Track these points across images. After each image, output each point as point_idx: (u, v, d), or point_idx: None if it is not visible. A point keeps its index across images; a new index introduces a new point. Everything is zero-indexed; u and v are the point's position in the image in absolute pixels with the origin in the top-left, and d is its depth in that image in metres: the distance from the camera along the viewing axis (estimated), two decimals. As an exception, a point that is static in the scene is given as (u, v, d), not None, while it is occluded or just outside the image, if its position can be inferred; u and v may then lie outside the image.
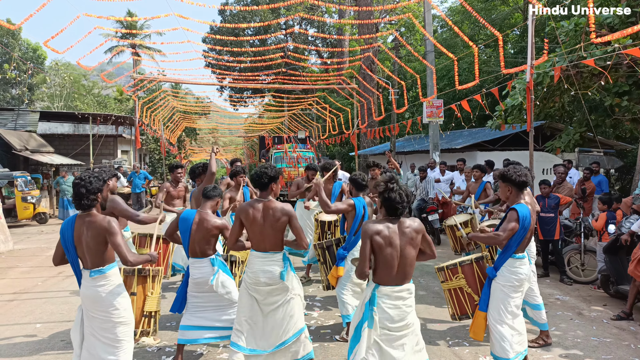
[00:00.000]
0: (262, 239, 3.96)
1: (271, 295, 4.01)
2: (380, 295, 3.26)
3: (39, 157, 17.97)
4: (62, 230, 3.55)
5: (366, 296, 3.35)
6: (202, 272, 4.39)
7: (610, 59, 7.86)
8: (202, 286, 4.42)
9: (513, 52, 23.21)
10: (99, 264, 3.50)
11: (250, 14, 32.12)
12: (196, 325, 4.44)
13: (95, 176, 3.55)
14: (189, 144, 39.48)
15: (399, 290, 3.27)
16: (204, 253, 4.43)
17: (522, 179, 4.08)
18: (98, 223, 3.45)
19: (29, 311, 6.24)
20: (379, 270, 3.27)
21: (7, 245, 10.64)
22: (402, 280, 3.28)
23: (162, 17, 11.48)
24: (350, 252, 5.08)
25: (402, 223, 3.28)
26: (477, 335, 4.20)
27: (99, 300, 3.49)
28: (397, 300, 3.26)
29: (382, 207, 3.32)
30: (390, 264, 3.22)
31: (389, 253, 3.21)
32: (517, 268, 4.03)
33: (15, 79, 37.46)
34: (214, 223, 4.40)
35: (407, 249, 3.24)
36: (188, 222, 4.44)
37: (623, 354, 4.74)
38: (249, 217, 3.91)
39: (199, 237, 4.40)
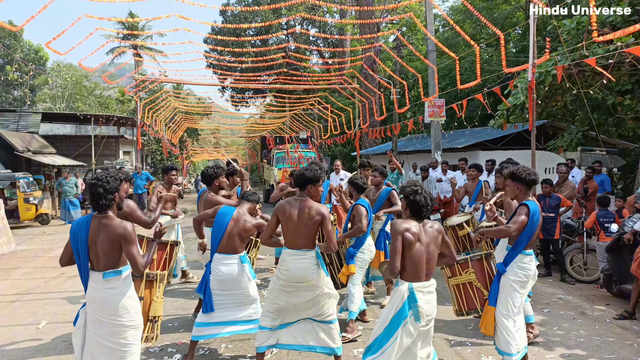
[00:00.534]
0: (296, 237, 4.05)
1: (305, 290, 4.09)
2: (417, 292, 3.43)
3: (41, 158, 18.00)
4: (74, 230, 3.44)
5: (402, 295, 3.44)
6: (231, 268, 4.44)
7: (613, 58, 7.83)
8: (226, 284, 4.45)
9: (515, 51, 23.17)
10: (114, 266, 3.42)
11: (251, 14, 32.15)
12: (213, 322, 4.46)
13: (112, 176, 3.50)
14: (190, 145, 39.55)
15: (428, 285, 3.49)
16: (235, 250, 4.49)
17: (531, 177, 4.21)
18: (114, 228, 3.37)
19: (31, 312, 6.24)
20: (408, 267, 3.45)
21: (9, 247, 10.66)
22: (429, 276, 3.51)
23: (163, 18, 11.49)
24: (360, 249, 5.26)
25: (425, 224, 3.53)
26: (488, 330, 4.27)
27: (111, 303, 3.39)
28: (428, 294, 3.48)
29: (407, 208, 3.55)
30: (420, 260, 3.43)
31: (418, 249, 3.42)
32: (526, 264, 4.14)
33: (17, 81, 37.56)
34: (252, 222, 4.56)
35: (431, 247, 3.48)
36: (226, 218, 4.49)
37: (626, 354, 4.73)
38: (285, 215, 4.04)
39: (235, 234, 4.47)
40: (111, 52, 39.83)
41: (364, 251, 5.29)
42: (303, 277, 4.03)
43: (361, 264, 5.28)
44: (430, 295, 3.48)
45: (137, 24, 39.95)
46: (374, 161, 22.67)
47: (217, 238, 4.49)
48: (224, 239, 4.47)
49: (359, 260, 5.27)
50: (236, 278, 4.44)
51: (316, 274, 4.06)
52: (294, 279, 4.04)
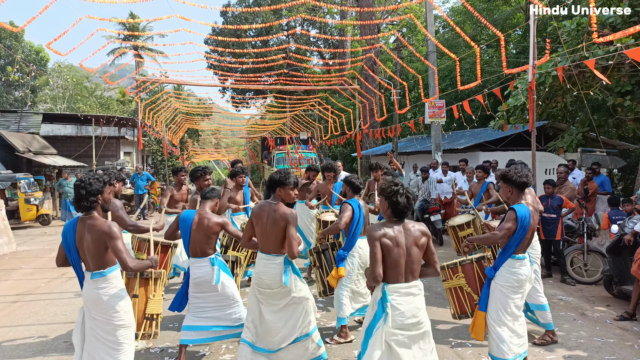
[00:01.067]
0: (264, 240, 4.04)
1: (273, 298, 4.04)
2: (391, 292, 3.31)
3: (42, 158, 18.01)
4: (64, 233, 3.55)
5: (377, 296, 3.40)
6: (203, 271, 4.42)
7: (613, 59, 7.84)
8: (202, 286, 4.44)
9: (515, 52, 23.17)
10: (100, 267, 3.50)
11: (252, 15, 32.18)
12: (198, 325, 4.46)
13: (96, 178, 3.56)
14: (191, 146, 39.56)
15: (407, 286, 3.33)
16: (204, 252, 4.47)
17: (522, 179, 4.09)
18: (98, 227, 3.45)
19: (32, 312, 6.26)
20: (387, 269, 3.33)
21: (10, 247, 10.67)
22: (410, 277, 3.35)
23: (164, 18, 11.49)
24: (350, 252, 5.12)
25: (407, 224, 3.38)
26: (477, 335, 4.19)
27: (100, 303, 3.48)
28: (407, 296, 3.32)
29: (389, 208, 3.38)
30: (398, 262, 3.30)
31: (396, 253, 3.28)
32: (516, 269, 4.01)
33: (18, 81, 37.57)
34: (214, 220, 4.47)
35: (412, 248, 3.32)
36: (188, 222, 4.48)
37: (627, 355, 4.73)
38: (256, 218, 4.05)
39: (199, 237, 4.45)
40: (112, 53, 39.89)
41: (353, 254, 5.12)
42: (270, 283, 3.98)
43: (351, 267, 5.11)
44: (409, 297, 3.32)
45: (138, 25, 40.01)
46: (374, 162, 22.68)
47: (185, 243, 4.50)
48: (191, 243, 4.47)
49: (348, 263, 5.12)
50: (209, 281, 4.41)
51: (287, 280, 3.98)
52: (262, 283, 4.01)
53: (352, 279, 5.10)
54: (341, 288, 5.10)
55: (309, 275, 7.62)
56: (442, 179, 11.57)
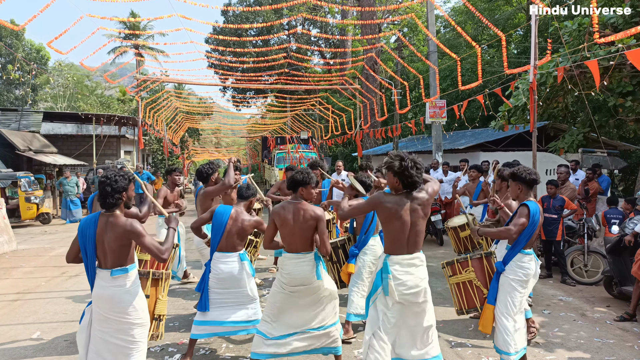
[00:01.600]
0: (293, 240, 4.06)
1: (304, 294, 4.10)
2: (392, 264, 3.44)
3: (43, 157, 18.03)
4: (82, 228, 3.47)
5: (378, 266, 3.52)
6: (230, 267, 4.47)
7: (614, 60, 7.83)
8: (226, 282, 4.48)
9: (516, 52, 23.16)
10: (121, 264, 3.44)
11: (253, 14, 32.19)
12: (212, 321, 4.48)
13: (121, 175, 3.51)
14: (191, 145, 39.57)
15: (410, 258, 3.47)
16: (234, 248, 4.53)
17: (532, 177, 4.23)
18: (121, 225, 3.39)
19: (32, 311, 6.26)
20: (388, 241, 3.49)
21: (10, 246, 10.68)
22: (412, 249, 3.48)
23: (165, 17, 11.49)
24: (362, 250, 5.18)
25: (413, 196, 3.47)
26: (485, 328, 4.29)
27: (118, 301, 3.41)
28: (409, 267, 3.45)
29: (399, 183, 3.44)
30: (399, 235, 3.43)
31: (398, 226, 3.41)
32: (525, 263, 4.15)
33: (18, 80, 37.61)
34: (250, 220, 4.57)
35: (417, 221, 3.45)
36: (224, 217, 4.51)
37: (626, 355, 4.73)
38: (281, 219, 4.04)
39: (234, 232, 4.50)
40: (113, 52, 39.90)
41: (365, 252, 5.17)
42: (304, 280, 4.03)
43: (362, 264, 5.16)
44: (411, 268, 3.45)
45: (139, 24, 40.01)
46: (375, 162, 22.66)
47: (217, 237, 4.52)
48: (223, 237, 4.51)
49: (359, 260, 5.17)
50: (236, 276, 4.47)
51: (316, 275, 4.07)
52: (295, 282, 4.04)
53: (362, 276, 5.14)
54: (352, 284, 5.18)
55: None
56: (443, 179, 11.56)
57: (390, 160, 3.49)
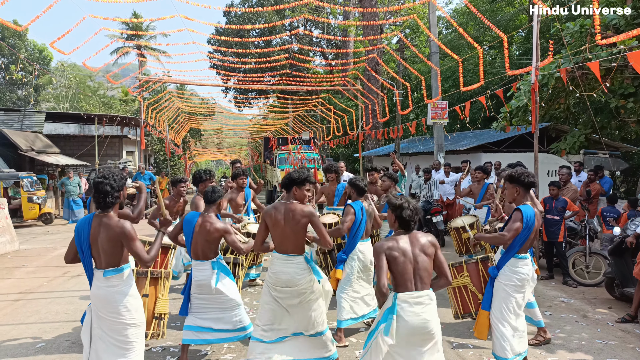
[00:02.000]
0: (283, 241, 4.02)
1: (290, 296, 4.05)
2: (400, 302, 3.24)
3: (45, 157, 18.06)
4: (78, 229, 3.48)
5: (387, 305, 3.33)
6: (204, 274, 4.42)
7: (616, 61, 7.82)
8: (203, 288, 4.44)
9: (518, 53, 23.14)
10: (114, 264, 3.45)
11: (255, 15, 32.21)
12: (200, 326, 4.46)
13: (118, 174, 3.53)
14: (193, 145, 39.59)
15: (417, 295, 3.26)
16: (205, 256, 4.46)
17: (530, 179, 4.19)
18: (113, 226, 3.39)
19: (34, 311, 6.28)
20: (396, 279, 3.32)
21: (13, 245, 10.70)
22: (419, 285, 3.29)
23: (167, 18, 11.51)
24: (350, 255, 5.08)
25: (415, 234, 3.41)
26: (481, 334, 4.26)
27: (111, 301, 3.43)
28: (416, 306, 3.23)
29: (396, 221, 3.44)
30: (405, 270, 3.27)
31: (402, 262, 3.27)
32: (519, 268, 4.10)
33: (21, 80, 37.70)
34: (216, 227, 4.42)
35: (420, 256, 3.31)
36: (191, 224, 4.46)
37: (628, 357, 4.72)
38: (272, 219, 4.00)
39: (201, 240, 4.43)
40: (115, 52, 39.95)
41: (353, 257, 5.07)
42: (290, 282, 3.99)
43: (350, 270, 5.06)
44: (419, 307, 3.22)
45: (141, 25, 40.06)
46: (376, 163, 22.65)
47: (188, 245, 4.49)
48: (193, 245, 4.45)
49: (347, 266, 5.07)
50: (210, 284, 4.40)
51: (304, 278, 4.02)
52: (281, 282, 4.01)
53: (351, 282, 5.04)
54: (340, 290, 5.08)
55: None
56: (445, 180, 11.56)
57: (392, 202, 3.48)
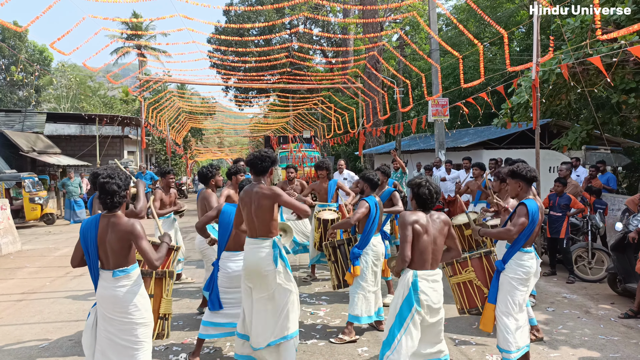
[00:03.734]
0: (251, 224, 4.03)
1: (260, 285, 3.96)
2: (421, 280, 3.58)
3: (46, 158, 18.08)
4: (83, 230, 3.45)
5: (407, 283, 3.61)
6: (240, 265, 4.42)
7: (617, 56, 7.80)
8: (235, 280, 4.45)
9: (519, 49, 23.12)
10: (122, 265, 3.43)
11: (254, 14, 32.19)
12: (220, 322, 4.47)
13: (124, 173, 3.51)
14: (194, 145, 39.63)
15: (433, 274, 3.65)
16: (242, 247, 4.42)
17: (532, 174, 4.23)
18: (123, 225, 3.37)
19: (37, 311, 6.29)
20: (415, 257, 3.61)
21: (15, 246, 10.72)
22: (434, 265, 3.67)
23: (167, 18, 11.52)
24: (364, 250, 5.09)
25: (432, 215, 3.72)
26: (486, 326, 4.29)
27: (120, 301, 3.41)
28: (434, 283, 3.64)
29: (414, 200, 3.74)
30: (426, 250, 3.60)
31: (425, 240, 3.59)
32: (524, 261, 4.14)
33: (22, 81, 37.75)
34: None
35: (438, 238, 3.67)
36: (231, 216, 4.48)
37: (631, 352, 4.72)
38: (242, 203, 4.06)
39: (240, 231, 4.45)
40: (115, 52, 39.96)
41: (367, 252, 5.09)
42: (257, 268, 3.91)
43: (364, 265, 5.07)
44: (435, 284, 3.63)
45: (141, 24, 40.07)
46: (377, 160, 22.67)
47: (225, 237, 4.50)
48: (231, 237, 4.48)
49: (362, 261, 5.08)
50: None
51: (271, 265, 3.92)
52: (249, 269, 3.96)
53: (366, 277, 5.05)
54: (355, 286, 5.09)
55: (312, 274, 7.63)
56: (446, 177, 11.55)
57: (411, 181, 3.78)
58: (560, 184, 7.49)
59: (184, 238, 10.88)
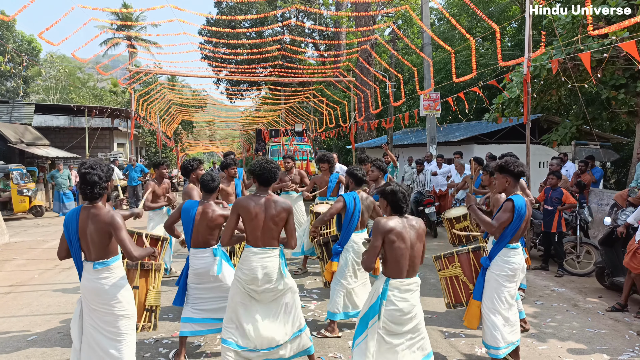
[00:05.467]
0: (261, 234, 3.89)
1: (268, 291, 3.94)
2: (392, 289, 3.43)
3: (35, 150, 17.89)
4: (66, 222, 3.46)
5: (377, 289, 3.48)
6: (205, 262, 4.39)
7: (608, 52, 7.85)
8: (203, 277, 4.42)
9: (510, 44, 23.18)
10: (102, 257, 3.43)
11: (246, 5, 31.95)
12: (197, 318, 4.43)
13: (106, 165, 3.49)
14: (185, 137, 39.38)
15: (408, 283, 3.47)
16: (206, 243, 4.44)
17: (520, 169, 4.19)
18: (102, 216, 3.37)
19: (25, 304, 6.23)
20: (390, 264, 3.45)
21: (3, 238, 10.61)
22: (411, 273, 3.49)
23: (157, 8, 11.38)
24: (345, 247, 5.03)
25: (410, 220, 3.54)
26: (470, 323, 4.27)
27: (102, 293, 3.42)
28: (406, 293, 3.45)
29: (388, 206, 3.55)
30: (401, 257, 3.42)
31: (401, 247, 3.41)
32: (510, 258, 4.11)
33: (10, 72, 37.20)
34: (219, 212, 4.43)
35: (416, 244, 3.49)
36: (191, 213, 4.43)
37: (618, 345, 4.78)
38: (250, 212, 3.84)
39: (203, 227, 4.41)
40: (105, 43, 39.53)
41: (347, 249, 5.01)
42: (267, 277, 3.87)
43: (344, 262, 5.01)
44: (408, 294, 3.44)
45: (131, 15, 39.59)
46: (369, 154, 22.63)
47: (188, 233, 4.45)
48: (194, 233, 4.42)
49: (342, 258, 5.03)
50: (210, 272, 4.37)
51: (280, 273, 3.94)
52: (259, 280, 3.86)
53: (345, 274, 5.00)
54: (334, 283, 5.05)
55: (303, 266, 7.64)
56: (437, 172, 11.59)
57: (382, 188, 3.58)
58: (555, 177, 7.51)
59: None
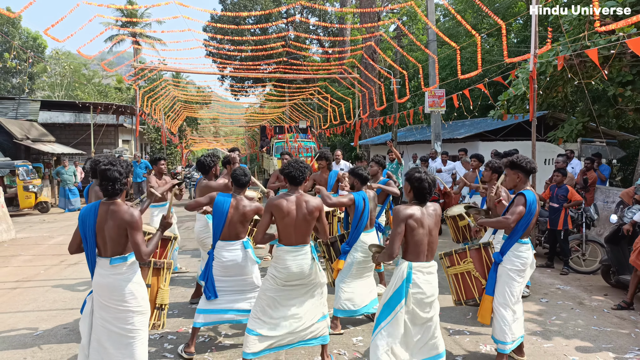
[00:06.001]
0: (293, 232, 3.99)
1: (301, 286, 4.07)
2: (415, 272, 3.53)
3: (40, 146, 17.95)
4: (82, 217, 3.44)
5: (402, 273, 3.56)
6: (234, 254, 4.45)
7: (614, 49, 7.79)
8: (230, 269, 4.46)
9: (516, 41, 23.04)
10: (120, 252, 3.43)
11: (251, 2, 31.91)
12: (213, 309, 4.47)
13: (124, 160, 3.50)
14: (190, 134, 39.45)
15: (428, 266, 3.59)
16: (237, 236, 4.50)
17: (532, 165, 4.24)
18: (122, 214, 3.36)
19: (31, 299, 6.27)
20: (410, 249, 3.55)
21: (9, 234, 10.68)
22: (429, 257, 3.61)
23: (162, 5, 11.37)
24: (353, 246, 5.04)
25: (428, 207, 3.64)
26: (484, 318, 4.30)
27: (117, 289, 3.40)
28: (428, 275, 3.58)
29: (411, 192, 3.64)
30: (421, 242, 3.54)
31: (420, 233, 3.52)
32: (522, 252, 4.16)
33: (15, 68, 37.37)
34: (251, 206, 4.53)
35: (434, 229, 3.60)
36: (224, 206, 4.47)
37: (623, 343, 4.76)
38: (283, 211, 3.93)
39: (235, 221, 4.46)
40: (110, 40, 39.56)
41: (356, 248, 5.04)
42: (301, 274, 4.00)
43: (351, 260, 5.04)
44: (430, 276, 3.58)
45: (136, 12, 39.68)
46: (373, 151, 22.64)
47: (219, 226, 4.47)
48: (226, 226, 4.47)
49: (350, 257, 5.05)
50: (240, 264, 4.45)
51: (312, 268, 4.06)
52: (293, 276, 3.99)
53: (351, 272, 5.02)
54: (339, 280, 5.07)
55: None
56: (442, 169, 11.56)
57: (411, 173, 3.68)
58: (560, 174, 7.49)
59: (179, 227, 10.87)
